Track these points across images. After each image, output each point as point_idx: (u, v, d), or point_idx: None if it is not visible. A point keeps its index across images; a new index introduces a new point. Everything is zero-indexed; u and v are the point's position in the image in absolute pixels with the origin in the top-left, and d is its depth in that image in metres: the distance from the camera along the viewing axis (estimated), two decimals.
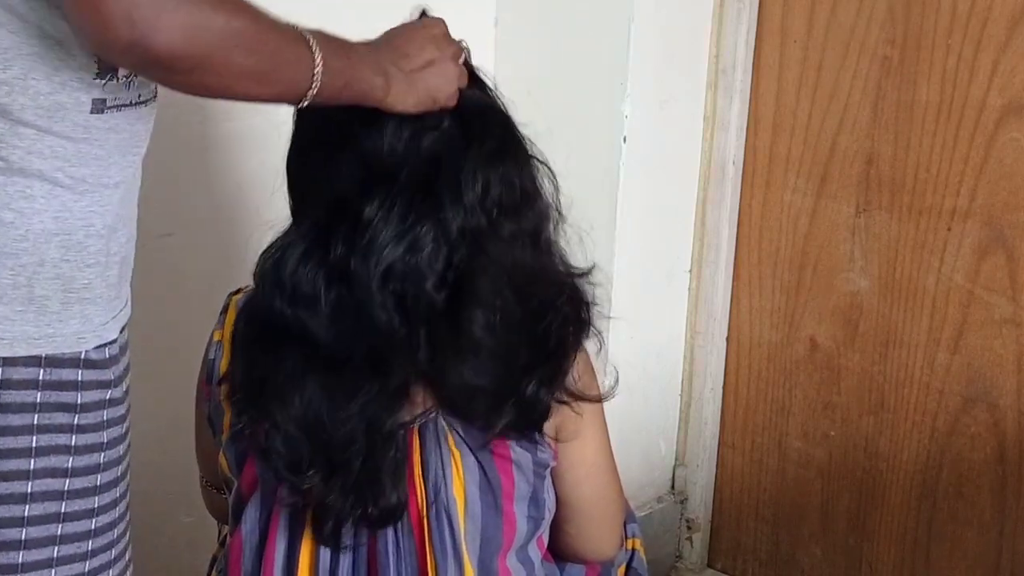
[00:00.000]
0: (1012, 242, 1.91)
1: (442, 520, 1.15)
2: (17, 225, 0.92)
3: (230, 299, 1.23)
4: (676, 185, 2.21)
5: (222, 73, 0.90)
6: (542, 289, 1.14)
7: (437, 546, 1.15)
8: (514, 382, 1.12)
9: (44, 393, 0.95)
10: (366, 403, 1.10)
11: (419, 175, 1.09)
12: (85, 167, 0.94)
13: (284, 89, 0.96)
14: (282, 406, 1.09)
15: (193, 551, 1.55)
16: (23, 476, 0.95)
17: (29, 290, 0.93)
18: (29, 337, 0.93)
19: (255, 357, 1.12)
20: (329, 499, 1.11)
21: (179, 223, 1.68)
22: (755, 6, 2.13)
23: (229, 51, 0.88)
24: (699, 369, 2.31)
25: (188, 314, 1.60)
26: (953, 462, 2.03)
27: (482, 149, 1.11)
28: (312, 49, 0.95)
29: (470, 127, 1.12)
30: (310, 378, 1.09)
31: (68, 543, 0.98)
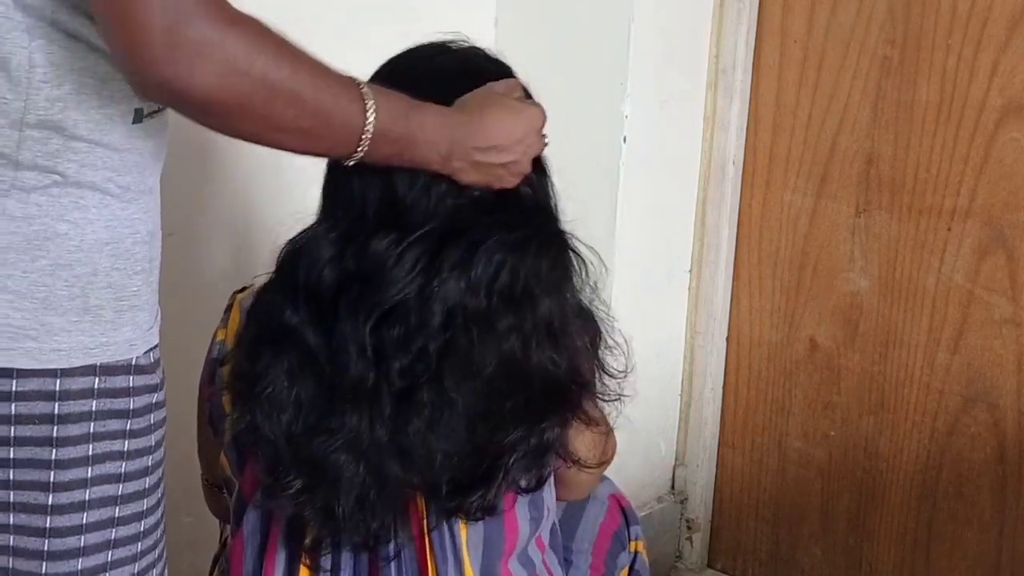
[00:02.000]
0: (1012, 242, 1.91)
1: (443, 527, 1.15)
2: (71, 236, 0.92)
3: (234, 298, 1.22)
4: (676, 185, 2.21)
5: (260, 123, 0.89)
6: (527, 386, 1.09)
7: (439, 554, 1.14)
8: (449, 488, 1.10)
9: (99, 401, 0.95)
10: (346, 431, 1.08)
11: (438, 233, 1.06)
12: (129, 175, 0.95)
13: (326, 149, 0.96)
14: (271, 410, 1.08)
15: (193, 551, 1.55)
16: (82, 484, 0.96)
17: (84, 300, 0.94)
18: (85, 347, 0.94)
19: (259, 351, 1.11)
20: (305, 513, 1.11)
21: (179, 223, 1.67)
22: (755, 6, 2.13)
23: (268, 103, 0.87)
24: (699, 369, 2.31)
25: (188, 314, 1.60)
26: (953, 462, 2.03)
27: (509, 234, 1.07)
28: (367, 112, 0.93)
29: (508, 211, 1.09)
30: (301, 385, 1.08)
31: (120, 546, 0.99)
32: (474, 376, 1.06)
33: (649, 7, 2.01)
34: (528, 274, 1.08)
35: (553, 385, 1.11)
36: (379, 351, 1.06)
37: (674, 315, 2.28)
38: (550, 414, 1.11)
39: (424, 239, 1.06)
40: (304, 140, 0.93)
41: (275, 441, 1.09)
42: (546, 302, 1.09)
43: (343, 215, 1.09)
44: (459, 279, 1.05)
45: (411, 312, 1.05)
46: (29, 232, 0.91)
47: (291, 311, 1.08)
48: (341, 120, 0.93)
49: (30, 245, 0.91)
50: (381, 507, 1.10)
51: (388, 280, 1.05)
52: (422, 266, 1.05)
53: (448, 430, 1.07)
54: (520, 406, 1.09)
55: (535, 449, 1.11)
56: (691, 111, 2.18)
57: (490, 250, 1.06)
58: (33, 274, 0.91)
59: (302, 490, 1.09)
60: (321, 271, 1.07)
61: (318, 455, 1.08)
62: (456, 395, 1.06)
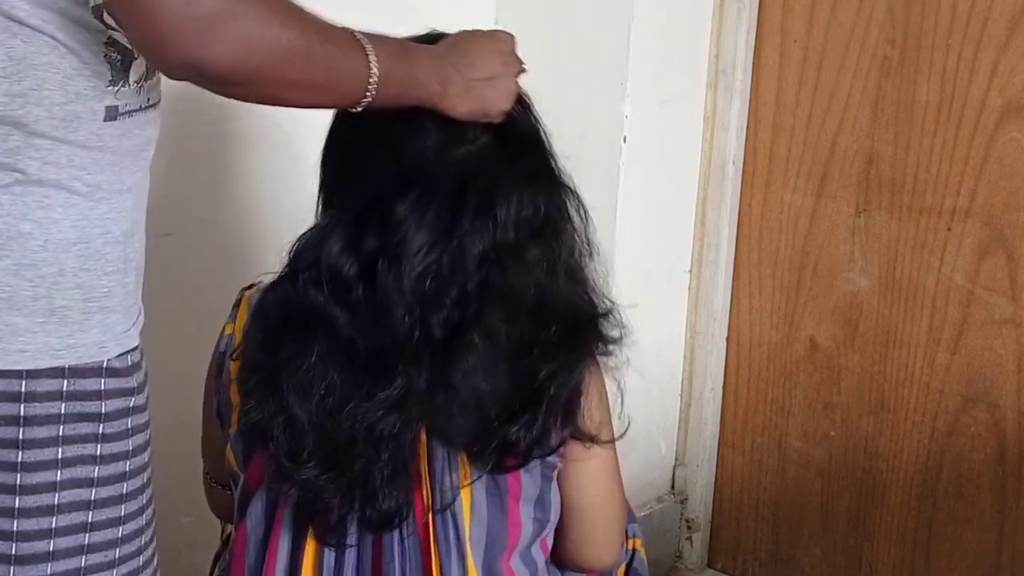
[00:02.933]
0: (1012, 242, 1.91)
1: (447, 520, 1.15)
2: (36, 236, 0.91)
3: (243, 294, 1.23)
4: (676, 185, 2.21)
5: (278, 84, 0.91)
6: (558, 317, 1.13)
7: (442, 547, 1.15)
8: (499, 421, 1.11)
9: (68, 404, 0.94)
10: (369, 407, 1.09)
11: (453, 185, 1.10)
12: (100, 174, 0.94)
13: (339, 97, 0.98)
14: (302, 396, 1.09)
15: (193, 551, 1.55)
16: (50, 488, 0.94)
17: (50, 301, 0.93)
18: (51, 348, 0.93)
19: (282, 340, 1.11)
20: (325, 495, 1.11)
21: (179, 223, 1.67)
22: (755, 6, 2.13)
23: (284, 64, 0.89)
24: (699, 369, 2.31)
25: (188, 314, 1.60)
26: (953, 462, 2.03)
27: (517, 170, 1.12)
28: (369, 57, 0.96)
29: (508, 147, 1.13)
30: (333, 368, 1.09)
31: (96, 552, 0.98)
32: (514, 306, 1.10)
33: (649, 7, 2.01)
34: (547, 204, 1.14)
35: (580, 314, 1.16)
36: (423, 303, 1.09)
37: (674, 315, 2.28)
38: (582, 345, 1.15)
39: (440, 194, 1.09)
40: (317, 94, 0.96)
41: (304, 424, 1.09)
42: (568, 228, 1.16)
43: (350, 202, 1.11)
44: (484, 221, 1.09)
45: (443, 264, 1.08)
46: None
47: (316, 292, 1.09)
48: (350, 70, 0.95)
49: None
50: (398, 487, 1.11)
51: (416, 241, 1.08)
52: (445, 219, 1.09)
53: (492, 368, 1.10)
54: (556, 336, 1.12)
55: (572, 384, 1.14)
56: (691, 111, 2.18)
57: (506, 188, 1.10)
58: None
59: (322, 471, 1.10)
60: (340, 256, 1.09)
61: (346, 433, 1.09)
62: (500, 326, 1.10)
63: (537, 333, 1.11)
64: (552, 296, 1.13)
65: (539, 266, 1.12)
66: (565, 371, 1.13)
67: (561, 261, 1.14)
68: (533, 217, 1.12)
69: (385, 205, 1.09)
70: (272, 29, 0.87)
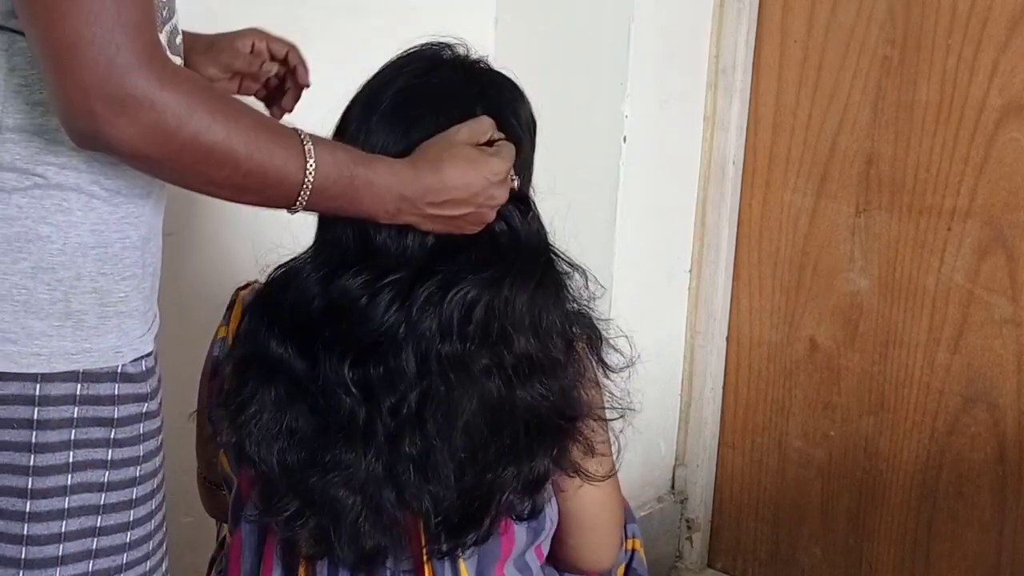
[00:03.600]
0: (1012, 242, 1.91)
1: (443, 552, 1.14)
2: (54, 239, 0.91)
3: (236, 295, 1.22)
4: (676, 185, 2.21)
5: (189, 178, 0.89)
6: (513, 423, 1.07)
7: (434, 556, 1.14)
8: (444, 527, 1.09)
9: (81, 408, 0.94)
10: (325, 469, 1.07)
11: (410, 275, 1.04)
12: (120, 179, 0.94)
13: (262, 202, 0.95)
14: (262, 438, 1.07)
15: (193, 551, 1.55)
16: (61, 492, 0.94)
17: (66, 304, 0.92)
18: (67, 352, 0.93)
19: (245, 376, 1.10)
20: (298, 536, 1.10)
21: (179, 223, 1.67)
22: (755, 6, 2.13)
23: (199, 161, 0.87)
24: (699, 369, 2.31)
25: (187, 314, 1.60)
26: (953, 462, 2.03)
27: (481, 272, 1.05)
28: (306, 170, 0.92)
29: (478, 247, 1.06)
30: (291, 415, 1.07)
31: (103, 556, 0.98)
32: (455, 421, 1.05)
33: (649, 7, 2.01)
34: (503, 310, 1.05)
35: (540, 421, 1.08)
36: (366, 388, 1.05)
37: (674, 315, 2.28)
38: (538, 450, 1.09)
39: (396, 283, 1.04)
40: (238, 194, 0.93)
41: (269, 470, 1.08)
42: (524, 337, 1.06)
43: (329, 254, 1.08)
44: (431, 322, 1.03)
45: (389, 354, 1.04)
46: (10, 234, 0.90)
47: (276, 344, 1.07)
48: (277, 178, 0.92)
49: (11, 247, 0.90)
50: (376, 531, 1.09)
51: (363, 319, 1.04)
52: (395, 308, 1.04)
53: (436, 473, 1.06)
54: (505, 447, 1.07)
55: (526, 485, 1.10)
56: (691, 111, 2.18)
57: (461, 290, 1.03)
58: (13, 276, 0.90)
59: (296, 515, 1.09)
60: (308, 307, 1.06)
61: (314, 489, 1.07)
62: (439, 442, 1.05)
63: (485, 446, 1.06)
64: (504, 406, 1.06)
65: (489, 376, 1.05)
66: (520, 477, 1.08)
67: (520, 366, 1.06)
68: (486, 324, 1.04)
69: (347, 271, 1.05)
70: (190, 125, 0.84)
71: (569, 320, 1.12)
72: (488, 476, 1.07)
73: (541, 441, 1.09)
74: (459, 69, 1.12)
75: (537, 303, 1.07)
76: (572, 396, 1.11)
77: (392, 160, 1.00)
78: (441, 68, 1.11)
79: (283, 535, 1.13)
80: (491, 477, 1.07)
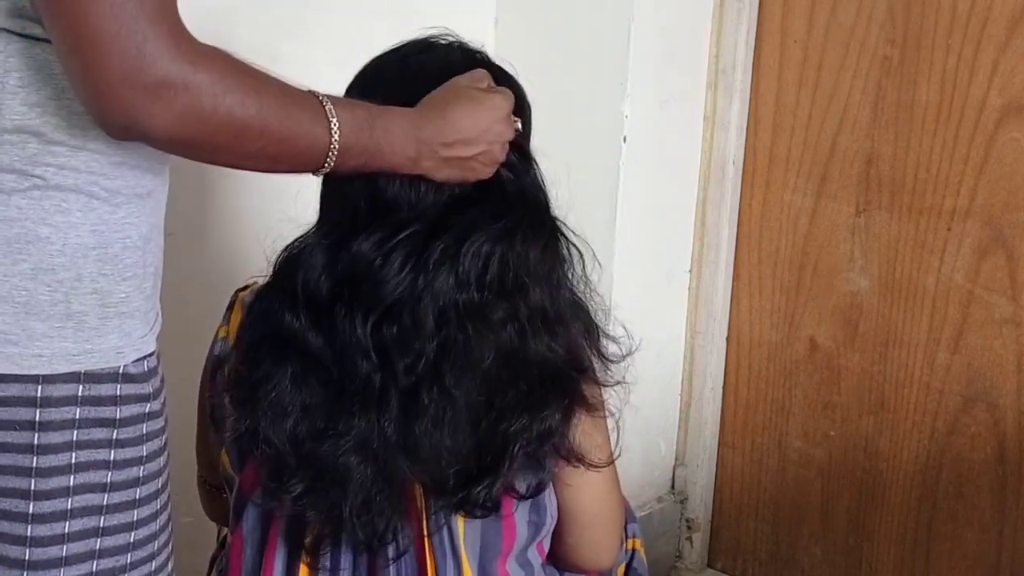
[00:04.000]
0: (1012, 242, 1.91)
1: (442, 526, 1.15)
2: (54, 240, 0.91)
3: (236, 296, 1.22)
4: (676, 185, 2.21)
5: (226, 154, 0.90)
6: (526, 375, 1.09)
7: (437, 549, 1.14)
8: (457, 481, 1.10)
9: (83, 409, 0.94)
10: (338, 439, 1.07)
11: (424, 230, 1.06)
12: (120, 179, 0.94)
13: (295, 166, 0.96)
14: (279, 415, 1.08)
15: (193, 551, 1.55)
16: (64, 493, 0.94)
17: (67, 306, 0.92)
18: (68, 353, 0.93)
19: (258, 357, 1.10)
20: (308, 514, 1.10)
21: (179, 223, 1.67)
22: (755, 6, 2.13)
23: (235, 137, 0.88)
24: (699, 369, 2.31)
25: (188, 314, 1.60)
26: (953, 462, 2.03)
27: (494, 224, 1.06)
28: (331, 130, 0.94)
29: (489, 199, 1.08)
30: (306, 391, 1.08)
31: (107, 557, 0.98)
32: (473, 371, 1.06)
33: (649, 7, 2.01)
34: (517, 263, 1.07)
35: (552, 372, 1.10)
36: (382, 351, 1.06)
37: (674, 315, 2.28)
38: (551, 401, 1.11)
39: (411, 238, 1.05)
40: (271, 163, 0.93)
41: (280, 446, 1.08)
42: (538, 289, 1.09)
43: (336, 221, 1.09)
44: (448, 275, 1.05)
45: (405, 312, 1.05)
46: (10, 235, 0.90)
47: (291, 316, 1.08)
48: (307, 142, 0.93)
49: (11, 248, 0.90)
50: (388, 507, 1.10)
51: (379, 280, 1.05)
52: (411, 265, 1.05)
53: (452, 426, 1.07)
54: (521, 395, 1.09)
55: (538, 436, 1.11)
56: (691, 111, 2.18)
57: (476, 243, 1.05)
58: (14, 278, 0.90)
59: (306, 491, 1.09)
60: (317, 278, 1.07)
61: (327, 458, 1.07)
62: (457, 392, 1.06)
63: (502, 393, 1.08)
64: (519, 356, 1.08)
65: (505, 327, 1.07)
66: (533, 427, 1.09)
67: (534, 318, 1.08)
68: (501, 275, 1.06)
69: (357, 236, 1.06)
70: (224, 104, 0.85)
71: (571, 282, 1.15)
72: (503, 425, 1.09)
73: (554, 392, 1.11)
74: (456, 51, 1.15)
75: (548, 257, 1.10)
76: (577, 352, 1.13)
77: (403, 109, 1.02)
78: (438, 48, 1.14)
79: (292, 514, 1.13)
80: (505, 427, 1.09)
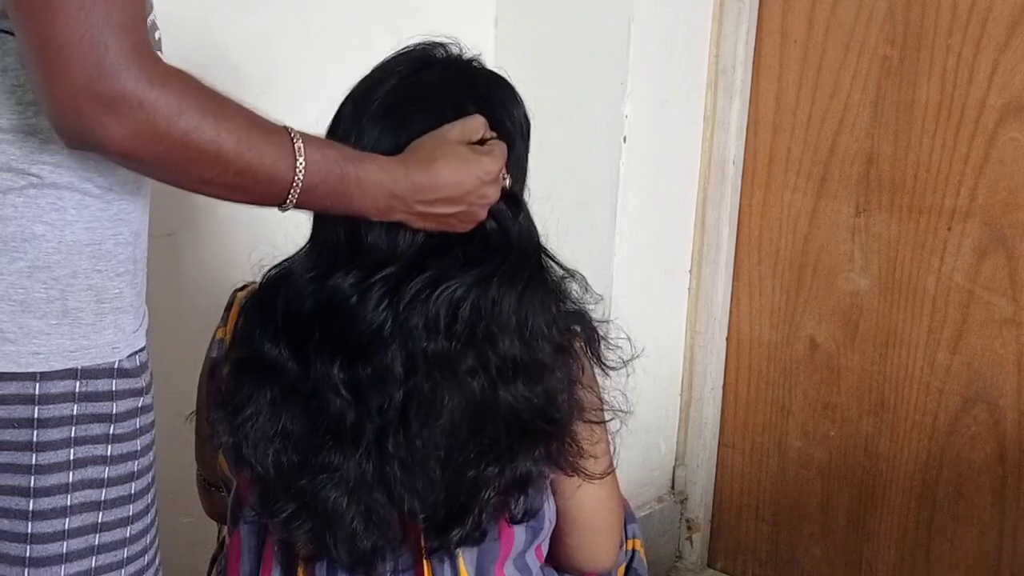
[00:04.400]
0: (1012, 242, 1.91)
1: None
2: (49, 238, 0.91)
3: (234, 296, 1.22)
4: (676, 185, 2.21)
5: (179, 177, 0.89)
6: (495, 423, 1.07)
7: (434, 556, 1.14)
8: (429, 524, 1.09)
9: (80, 405, 0.94)
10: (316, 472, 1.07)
11: (401, 272, 1.04)
12: (112, 176, 0.94)
13: (252, 200, 0.94)
14: (258, 440, 1.07)
15: (193, 551, 1.55)
16: (63, 490, 0.95)
17: (63, 302, 0.93)
18: (64, 350, 0.93)
19: (241, 377, 1.10)
20: (295, 537, 1.10)
21: (179, 223, 1.67)
22: (755, 6, 2.13)
23: (189, 161, 0.87)
24: (699, 369, 2.31)
25: (187, 314, 1.60)
26: (953, 462, 2.03)
27: (470, 270, 1.04)
28: (296, 168, 0.92)
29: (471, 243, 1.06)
30: (287, 417, 1.07)
31: (105, 552, 0.98)
32: (437, 420, 1.05)
33: (649, 7, 2.01)
34: (490, 311, 1.05)
35: (521, 424, 1.08)
36: (356, 390, 1.05)
37: (674, 315, 2.28)
38: (520, 451, 1.09)
39: (386, 279, 1.04)
40: (229, 192, 0.92)
41: (263, 472, 1.08)
42: (509, 339, 1.06)
43: (320, 251, 1.08)
44: (418, 320, 1.03)
45: (376, 354, 1.04)
46: (5, 233, 0.90)
47: (271, 345, 1.07)
48: (267, 176, 0.91)
49: (7, 247, 0.90)
50: (373, 535, 1.09)
51: (354, 318, 1.04)
52: (384, 305, 1.03)
53: (421, 471, 1.06)
54: (487, 446, 1.07)
55: (511, 484, 1.10)
56: (691, 111, 2.18)
57: (449, 288, 1.03)
58: (10, 276, 0.90)
59: (292, 516, 1.09)
60: (298, 308, 1.06)
61: (306, 491, 1.07)
62: (420, 440, 1.05)
63: (465, 444, 1.06)
64: (488, 406, 1.06)
65: (473, 377, 1.05)
66: (504, 475, 1.08)
67: (504, 368, 1.06)
68: (472, 324, 1.04)
69: (337, 271, 1.05)
70: (179, 125, 0.84)
71: (561, 322, 1.11)
72: (469, 474, 1.07)
73: (523, 442, 1.09)
74: (451, 68, 1.11)
75: (524, 305, 1.07)
76: (557, 400, 1.10)
77: (383, 158, 1.00)
78: (432, 67, 1.10)
79: (280, 537, 1.13)
80: (472, 475, 1.07)
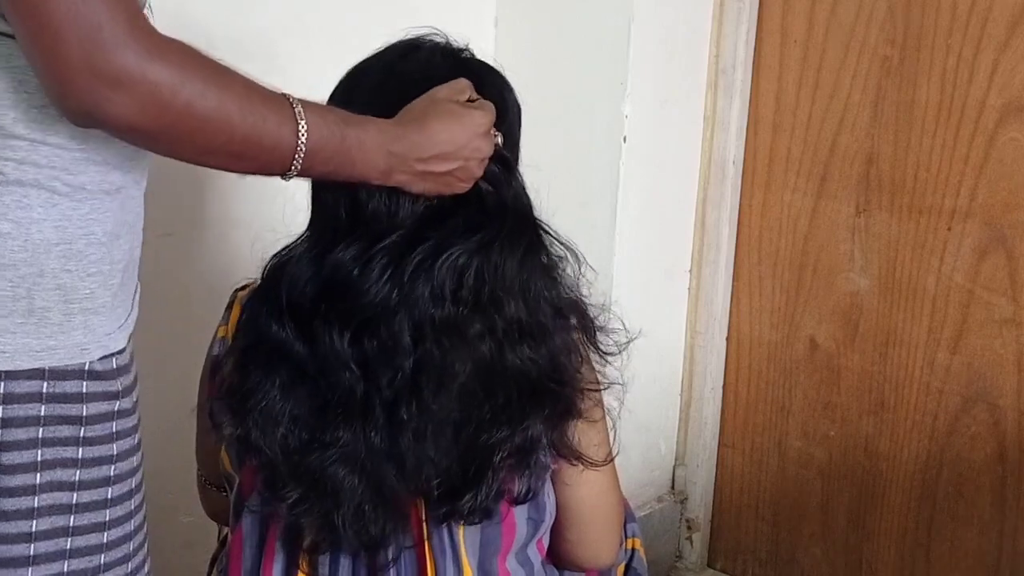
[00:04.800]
0: (1012, 242, 1.91)
1: (441, 528, 1.14)
2: (15, 236, 0.90)
3: (235, 295, 1.22)
4: (676, 185, 2.21)
5: (186, 148, 0.89)
6: (505, 386, 1.08)
7: (436, 548, 1.14)
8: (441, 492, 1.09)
9: (48, 406, 0.93)
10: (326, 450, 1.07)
11: (402, 241, 1.05)
12: (84, 175, 0.93)
13: (257, 168, 0.94)
14: (269, 424, 1.08)
15: (192, 551, 1.55)
16: (29, 491, 0.93)
17: (29, 302, 0.92)
18: (31, 350, 0.92)
19: (247, 366, 1.10)
20: (303, 521, 1.10)
21: (179, 223, 1.67)
22: (755, 6, 2.13)
23: (195, 131, 0.87)
24: (699, 369, 2.31)
25: (187, 314, 1.60)
26: (953, 462, 2.03)
27: (471, 236, 1.06)
28: (298, 133, 0.92)
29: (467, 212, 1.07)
30: (295, 400, 1.08)
31: (79, 557, 0.97)
32: (450, 385, 1.06)
33: (649, 7, 2.01)
34: (494, 275, 1.06)
35: (531, 384, 1.09)
36: (364, 364, 1.05)
37: (674, 315, 2.28)
38: (531, 412, 1.10)
39: (389, 249, 1.05)
40: (234, 161, 0.92)
41: (271, 455, 1.08)
42: (515, 302, 1.07)
43: (320, 230, 1.09)
44: (424, 288, 1.04)
45: (383, 325, 1.04)
46: None
47: (277, 327, 1.07)
48: (272, 142, 0.91)
49: None
50: (381, 515, 1.10)
51: (357, 291, 1.04)
52: (388, 276, 1.04)
53: (435, 438, 1.07)
54: (500, 407, 1.08)
55: (520, 447, 1.10)
56: (691, 111, 2.18)
57: (452, 256, 1.04)
58: None
59: (300, 500, 1.09)
60: (301, 288, 1.07)
61: (315, 469, 1.07)
62: (435, 406, 1.06)
63: (479, 407, 1.08)
64: (497, 369, 1.07)
65: (482, 341, 1.06)
66: (515, 438, 1.09)
67: (511, 331, 1.07)
68: (477, 289, 1.05)
69: (338, 246, 1.05)
70: (183, 94, 0.84)
71: (557, 290, 1.13)
72: (483, 437, 1.08)
73: (533, 404, 1.10)
74: (440, 53, 1.13)
75: (525, 269, 1.08)
76: (560, 362, 1.12)
77: (379, 120, 1.01)
78: (422, 50, 1.13)
79: (287, 522, 1.13)
80: (486, 438, 1.08)
